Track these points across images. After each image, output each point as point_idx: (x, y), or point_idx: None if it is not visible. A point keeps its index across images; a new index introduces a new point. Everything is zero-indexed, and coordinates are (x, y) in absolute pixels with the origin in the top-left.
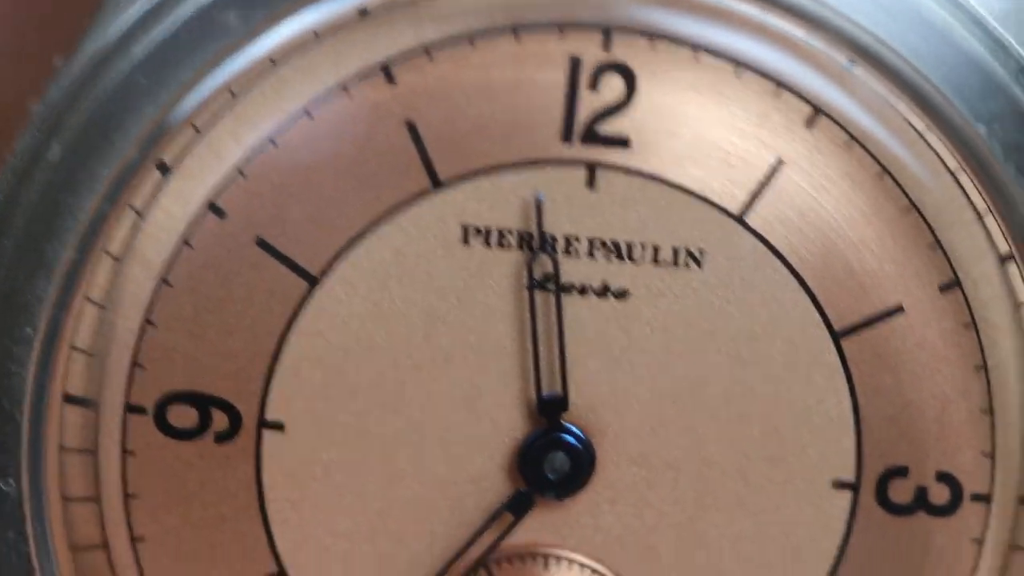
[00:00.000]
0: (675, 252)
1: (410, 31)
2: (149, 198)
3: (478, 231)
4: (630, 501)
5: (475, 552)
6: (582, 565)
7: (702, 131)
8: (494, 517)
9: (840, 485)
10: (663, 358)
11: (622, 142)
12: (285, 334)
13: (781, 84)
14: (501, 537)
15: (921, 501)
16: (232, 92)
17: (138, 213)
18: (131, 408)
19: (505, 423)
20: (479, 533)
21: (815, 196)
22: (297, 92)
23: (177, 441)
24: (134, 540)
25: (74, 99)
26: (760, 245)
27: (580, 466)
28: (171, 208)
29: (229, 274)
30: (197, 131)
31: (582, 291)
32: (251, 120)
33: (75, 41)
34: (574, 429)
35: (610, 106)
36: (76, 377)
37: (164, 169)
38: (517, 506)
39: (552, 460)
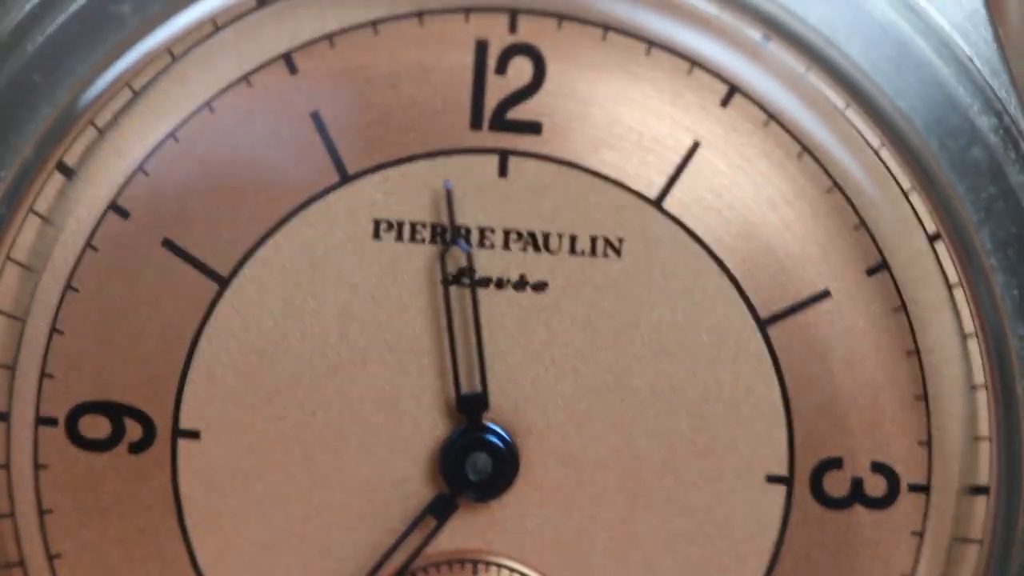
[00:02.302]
0: (593, 241)
1: (312, 19)
2: (53, 202)
3: (389, 225)
4: (558, 502)
5: (400, 558)
6: (511, 570)
7: (615, 113)
8: (417, 522)
9: (773, 479)
10: (585, 352)
11: (533, 128)
12: (196, 338)
13: (694, 62)
14: (424, 543)
15: (857, 494)
16: (133, 90)
17: (42, 218)
18: (42, 420)
19: (425, 424)
20: (402, 539)
21: (733, 178)
22: (199, 86)
23: (90, 453)
24: (51, 557)
25: None
26: (679, 231)
27: (503, 467)
28: (75, 211)
29: (135, 277)
30: (100, 132)
31: (499, 284)
32: (154, 117)
33: None
34: (496, 428)
35: (519, 90)
36: None
37: (67, 171)
38: (439, 510)
39: (474, 461)
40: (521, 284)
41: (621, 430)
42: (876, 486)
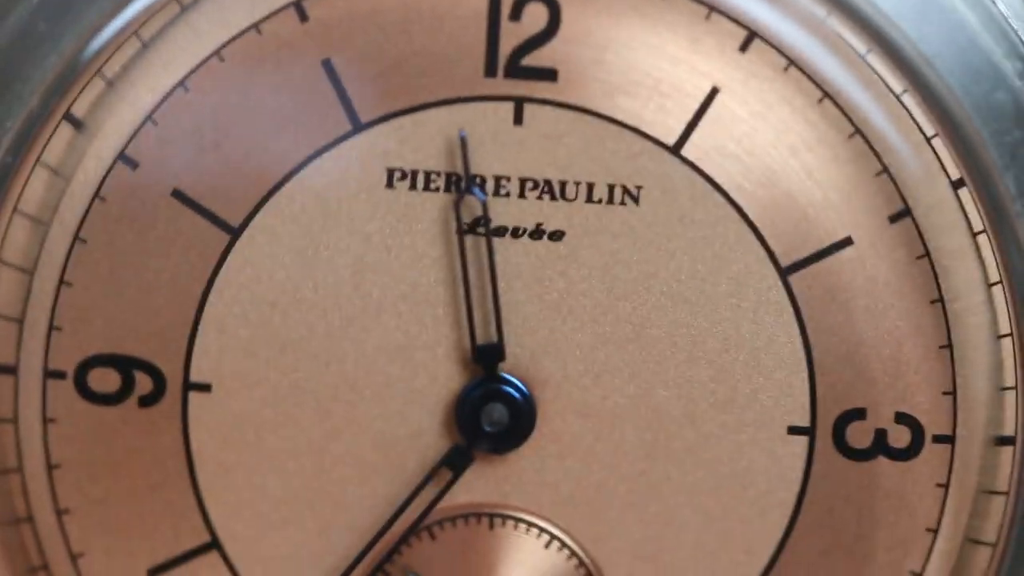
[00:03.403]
0: (610, 189)
1: None
2: (62, 153)
3: (403, 174)
4: (576, 454)
5: (415, 511)
6: (529, 524)
7: (631, 59)
8: (431, 474)
9: (795, 430)
10: (603, 301)
11: (548, 74)
12: (207, 290)
13: (712, 7)
14: (439, 496)
15: (880, 445)
16: (142, 40)
17: (50, 169)
18: (50, 373)
19: (441, 375)
20: (417, 491)
21: (753, 124)
22: (208, 35)
23: (99, 407)
24: (60, 512)
25: None
26: (698, 178)
27: (519, 418)
28: (84, 162)
29: (145, 228)
30: (108, 82)
31: (515, 233)
32: (163, 67)
33: None
34: (512, 379)
35: (534, 37)
36: None
37: (76, 123)
38: (455, 462)
39: (489, 412)
40: (537, 233)
41: (640, 381)
42: (900, 437)
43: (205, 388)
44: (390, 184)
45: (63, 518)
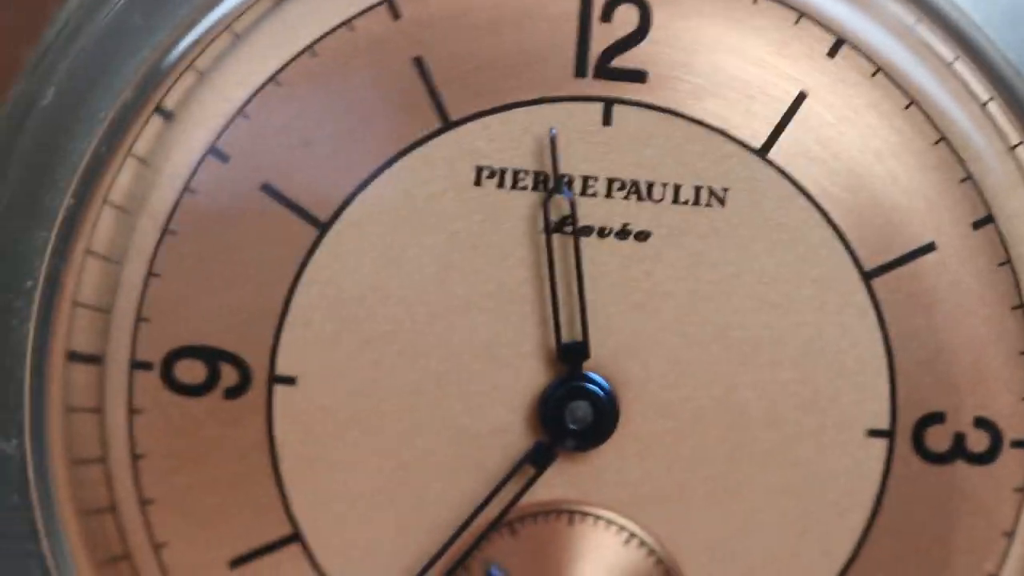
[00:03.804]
0: (696, 191)
1: None
2: (152, 145)
3: (491, 172)
4: (658, 454)
5: (497, 508)
6: (609, 522)
7: (720, 62)
8: (515, 470)
9: (875, 433)
10: (688, 302)
11: (638, 76)
12: (294, 283)
13: (802, 12)
14: (522, 491)
15: (959, 449)
16: (236, 33)
17: (141, 161)
18: (137, 364)
19: (525, 372)
20: (499, 487)
21: (840, 129)
22: (301, 30)
23: (185, 398)
24: (143, 503)
25: (68, 42)
26: (784, 181)
27: (603, 416)
28: (174, 155)
29: (233, 221)
30: (200, 75)
31: (601, 233)
32: (255, 61)
33: None
34: (596, 377)
35: (624, 38)
36: (81, 334)
37: (167, 115)
38: (538, 458)
39: (573, 410)
40: (624, 233)
41: (723, 382)
42: (978, 441)
43: (290, 381)
44: (478, 182)
45: (146, 508)
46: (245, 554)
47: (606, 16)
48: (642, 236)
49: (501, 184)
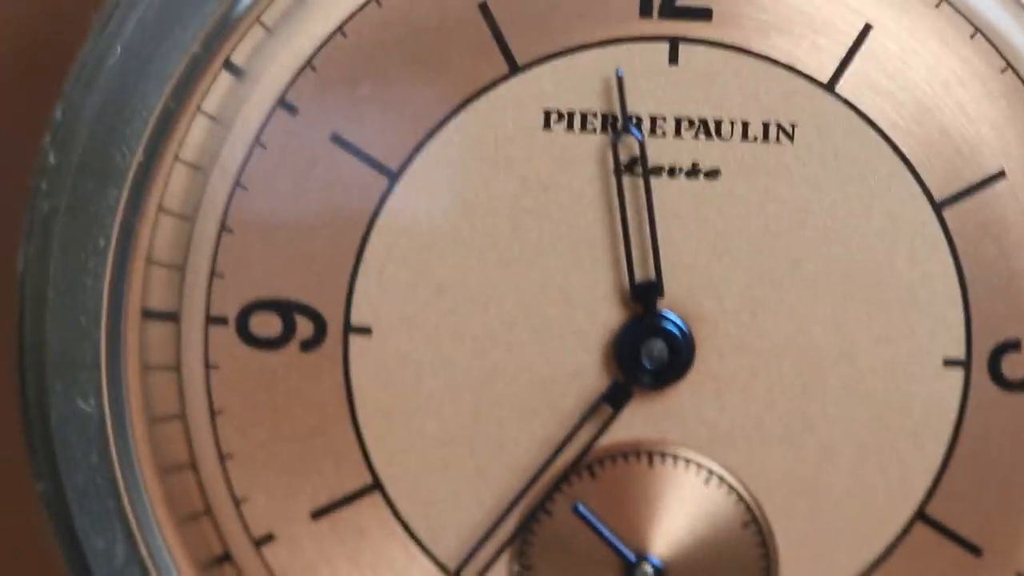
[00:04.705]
0: (765, 127)
1: None
2: (221, 100)
3: (560, 115)
4: (734, 391)
5: (575, 451)
6: (688, 461)
7: None
8: (592, 411)
9: (951, 363)
10: (759, 238)
11: (703, 14)
12: (366, 233)
13: None
14: (600, 431)
15: None
16: None
17: (210, 117)
18: (212, 320)
19: (599, 314)
20: (577, 428)
21: (906, 60)
22: None
23: (261, 351)
24: (223, 458)
25: (133, 1)
26: (852, 114)
27: (678, 354)
28: (244, 109)
29: (304, 173)
30: (267, 29)
31: (671, 172)
32: (321, 13)
33: None
34: (671, 316)
35: None
36: (156, 291)
37: (236, 71)
38: (615, 398)
39: (649, 348)
40: (694, 172)
41: (796, 317)
42: None
43: (366, 331)
44: (547, 126)
45: (226, 463)
46: (326, 505)
47: None
48: (712, 174)
49: (570, 127)
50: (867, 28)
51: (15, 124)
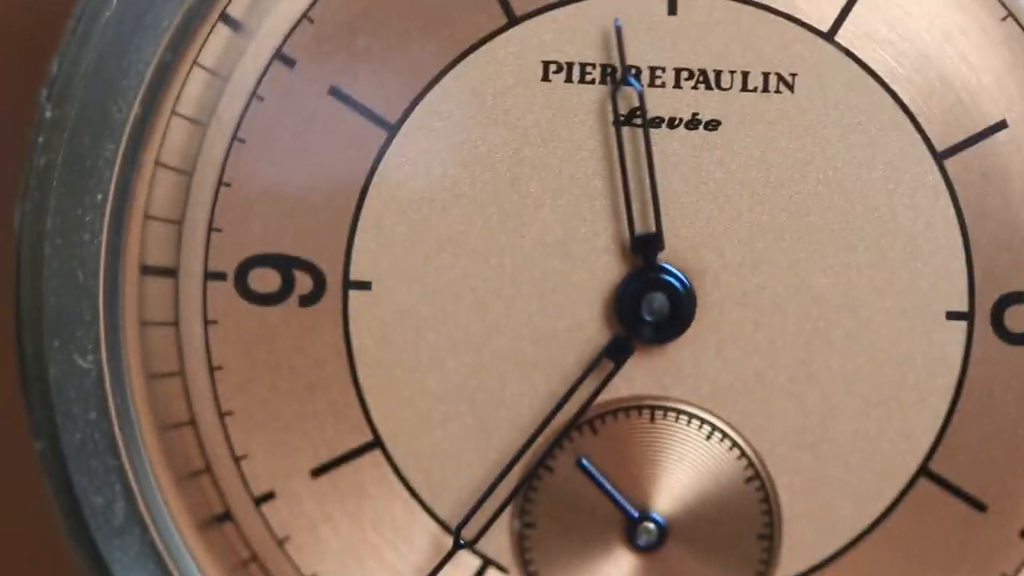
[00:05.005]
0: (765, 77)
1: None
2: (218, 53)
3: (559, 67)
4: (736, 344)
5: (575, 406)
6: (691, 416)
7: None
8: (593, 365)
9: (954, 316)
10: (760, 190)
11: None
12: (365, 187)
13: None
14: (602, 386)
15: None
16: None
17: (207, 70)
18: (211, 275)
19: (600, 267)
20: (578, 383)
21: (906, 9)
22: None
23: (260, 307)
24: (222, 415)
25: None
26: (852, 64)
27: (680, 307)
28: (241, 62)
29: (302, 126)
30: None
31: (671, 124)
32: None
33: None
34: (672, 269)
35: None
36: (154, 247)
37: (233, 24)
38: (616, 352)
39: (650, 301)
40: (693, 123)
41: (798, 269)
42: None
43: (365, 286)
44: (546, 77)
45: (225, 420)
46: (326, 463)
47: None
48: (712, 125)
49: (569, 78)
50: None
51: (12, 80)
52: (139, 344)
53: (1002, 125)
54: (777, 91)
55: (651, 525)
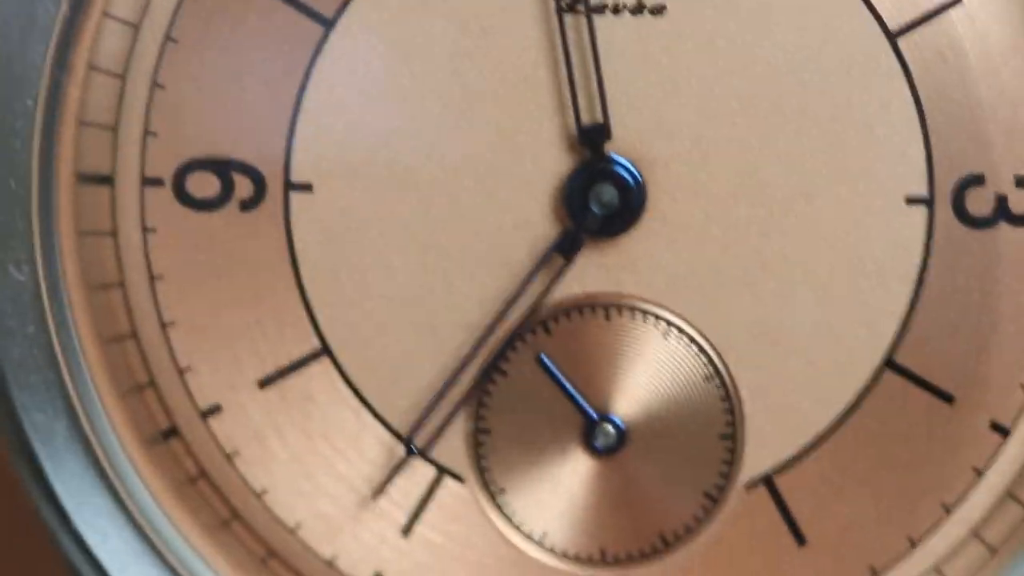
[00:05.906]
0: None
1: None
2: None
3: None
4: (689, 236)
5: (526, 303)
6: (645, 312)
7: None
8: (543, 262)
9: (913, 200)
10: (709, 76)
11: None
12: (303, 86)
13: None
14: (552, 282)
15: (1002, 211)
16: None
17: None
18: (148, 181)
19: (546, 160)
20: (528, 280)
21: None
22: None
23: (199, 212)
24: (164, 325)
25: None
26: None
27: (629, 199)
28: None
29: (236, 24)
30: None
31: (615, 9)
32: None
33: None
34: (620, 159)
35: None
36: (88, 153)
37: None
38: (566, 247)
39: (598, 193)
40: (638, 8)
41: (751, 157)
42: (1021, 201)
43: (306, 188)
44: None
45: (168, 331)
46: (273, 373)
47: None
48: (657, 10)
49: None
50: None
51: None
52: (77, 255)
53: (956, 2)
54: None
55: (609, 427)
